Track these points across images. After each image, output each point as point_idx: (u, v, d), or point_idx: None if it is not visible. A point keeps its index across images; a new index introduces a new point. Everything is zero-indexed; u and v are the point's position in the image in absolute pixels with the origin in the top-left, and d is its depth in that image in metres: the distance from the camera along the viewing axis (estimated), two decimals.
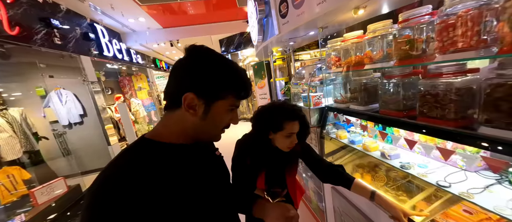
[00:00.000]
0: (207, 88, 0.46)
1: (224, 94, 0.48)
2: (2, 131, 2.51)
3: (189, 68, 0.46)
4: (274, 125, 0.87)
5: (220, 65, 0.47)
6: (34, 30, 2.90)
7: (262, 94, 4.37)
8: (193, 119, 0.47)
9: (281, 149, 0.92)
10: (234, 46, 6.91)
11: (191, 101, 0.45)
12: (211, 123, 0.49)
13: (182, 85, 0.46)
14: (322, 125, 1.64)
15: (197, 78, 0.45)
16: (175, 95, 0.46)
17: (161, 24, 5.57)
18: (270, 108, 0.92)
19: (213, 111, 0.48)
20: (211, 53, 0.48)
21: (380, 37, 1.04)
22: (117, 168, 0.43)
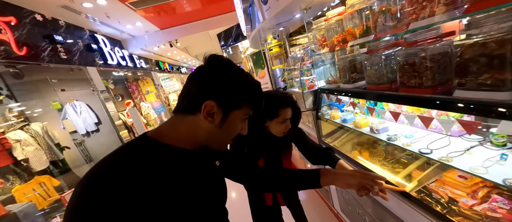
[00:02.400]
0: (228, 98, 0.47)
1: (242, 104, 0.50)
2: (28, 145, 2.77)
3: (211, 76, 0.47)
4: (269, 113, 0.91)
5: (239, 77, 0.49)
6: (40, 48, 3.08)
7: (264, 84, 4.37)
8: (208, 126, 0.48)
9: (276, 135, 0.96)
10: (233, 39, 6.86)
11: (211, 109, 0.46)
12: (225, 132, 0.50)
13: (204, 93, 0.46)
14: (317, 107, 1.65)
15: (219, 87, 0.46)
16: (194, 101, 0.47)
17: (158, 26, 5.63)
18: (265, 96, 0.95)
19: (229, 119, 0.49)
20: (232, 64, 0.50)
21: (358, 11, 1.02)
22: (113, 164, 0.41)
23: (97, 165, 0.41)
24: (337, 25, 1.20)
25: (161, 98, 7.40)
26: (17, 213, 2.27)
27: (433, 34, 0.73)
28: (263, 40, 2.48)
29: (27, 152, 2.73)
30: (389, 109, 1.09)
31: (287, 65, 2.07)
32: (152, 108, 6.87)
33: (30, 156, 2.75)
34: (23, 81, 3.00)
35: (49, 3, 3.02)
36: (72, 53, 3.72)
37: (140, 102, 6.67)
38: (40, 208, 2.56)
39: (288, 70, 2.08)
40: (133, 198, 0.38)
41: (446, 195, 0.84)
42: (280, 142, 1.03)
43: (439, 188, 0.89)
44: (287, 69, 2.12)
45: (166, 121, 0.52)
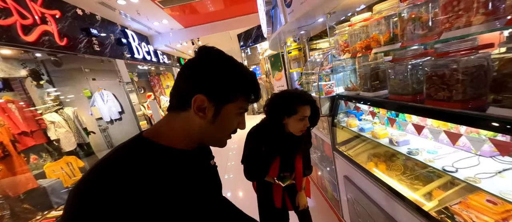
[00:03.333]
0: (218, 91, 0.45)
1: (235, 96, 0.47)
2: (61, 126, 3.05)
3: (200, 69, 0.45)
4: (288, 110, 0.92)
5: (231, 67, 0.46)
6: (78, 39, 3.38)
7: (280, 86, 4.36)
8: (201, 121, 0.45)
9: (293, 133, 0.97)
10: (252, 40, 6.94)
11: (201, 104, 0.44)
12: (219, 127, 0.47)
13: (193, 87, 0.44)
14: (333, 113, 1.61)
15: (208, 80, 0.44)
16: (184, 97, 0.45)
17: (183, 24, 5.89)
18: (283, 95, 0.98)
19: (223, 114, 0.46)
20: (222, 55, 0.47)
21: (386, 18, 0.98)
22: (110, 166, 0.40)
23: (93, 169, 0.40)
24: (361, 31, 1.17)
25: None
26: (46, 187, 2.51)
27: (468, 46, 0.69)
28: (283, 43, 2.48)
29: (59, 133, 3.01)
30: (412, 121, 1.04)
31: (305, 69, 2.05)
32: None
33: (61, 137, 3.02)
34: (61, 69, 3.32)
35: None
36: (104, 46, 4.03)
37: (160, 95, 7.01)
38: (65, 185, 2.79)
39: (306, 74, 2.05)
40: (127, 202, 0.37)
41: (470, 219, 0.77)
42: (295, 141, 1.03)
43: (462, 211, 0.82)
44: (305, 73, 2.10)
45: (162, 119, 0.50)
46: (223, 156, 4.21)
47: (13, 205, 2.33)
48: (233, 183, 3.03)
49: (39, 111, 2.92)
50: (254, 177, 1.09)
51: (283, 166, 1.06)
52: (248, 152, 1.04)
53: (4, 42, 2.28)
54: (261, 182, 1.12)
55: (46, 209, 2.44)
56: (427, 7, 0.79)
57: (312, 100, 0.96)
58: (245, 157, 1.06)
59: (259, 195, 1.18)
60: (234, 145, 4.82)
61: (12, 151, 2.32)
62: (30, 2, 2.58)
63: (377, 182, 1.13)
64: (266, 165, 1.04)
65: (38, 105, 3.04)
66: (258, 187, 1.16)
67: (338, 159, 1.63)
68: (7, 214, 2.25)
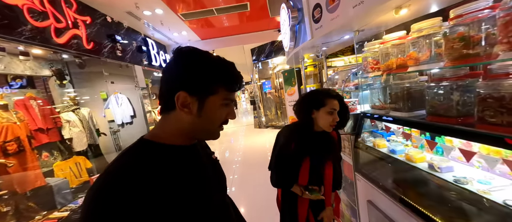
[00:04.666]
0: (196, 85, 0.46)
1: (215, 88, 0.48)
2: (75, 126, 3.09)
3: (177, 68, 0.47)
4: (317, 102, 0.94)
5: (206, 61, 0.47)
6: (103, 44, 3.55)
7: (292, 101, 4.34)
8: (188, 117, 0.47)
9: (324, 130, 0.96)
10: (265, 55, 7.09)
11: (184, 100, 0.46)
12: (207, 119, 0.49)
13: (173, 86, 0.46)
14: (357, 132, 1.54)
15: (185, 76, 0.46)
16: (168, 97, 0.47)
17: (200, 36, 6.14)
18: (311, 91, 1.02)
19: (207, 107, 0.48)
20: (196, 51, 0.49)
21: (426, 36, 0.95)
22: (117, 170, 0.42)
23: (104, 175, 0.41)
24: (395, 49, 1.14)
25: None
26: (53, 186, 2.48)
27: None
28: (301, 58, 2.50)
29: (72, 132, 3.04)
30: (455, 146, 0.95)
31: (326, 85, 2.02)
32: None
33: (74, 136, 3.05)
34: (83, 71, 3.45)
35: (119, 9, 3.52)
36: (126, 52, 4.21)
37: None
38: (71, 185, 2.75)
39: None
40: (139, 202, 0.38)
41: None
42: (327, 142, 1.02)
43: None
44: None
45: (158, 122, 0.52)
46: (227, 169, 4.09)
47: (19, 201, 2.29)
48: (236, 197, 2.90)
49: (57, 109, 2.99)
50: (282, 182, 1.03)
51: (312, 173, 1.02)
52: (277, 151, 1.02)
53: (37, 43, 2.41)
54: (287, 193, 1.06)
55: (49, 209, 2.38)
56: (479, 26, 0.76)
57: (340, 95, 0.98)
58: (273, 158, 1.04)
59: (283, 208, 1.11)
60: (238, 157, 4.71)
61: (27, 146, 2.33)
62: (66, 8, 2.75)
63: (410, 210, 1.02)
64: (295, 168, 1.00)
65: (57, 104, 3.12)
66: (283, 199, 1.10)
67: (361, 182, 1.52)
68: (10, 210, 2.21)
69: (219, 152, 5.52)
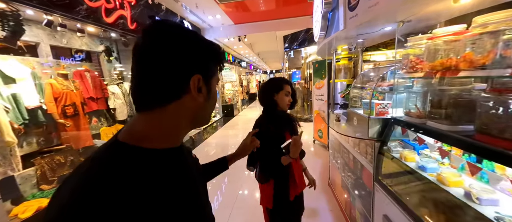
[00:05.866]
0: (208, 66, 0.43)
1: (216, 69, 0.46)
2: (119, 98, 3.52)
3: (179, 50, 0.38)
4: (276, 87, 1.18)
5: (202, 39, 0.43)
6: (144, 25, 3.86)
7: (319, 95, 4.09)
8: (198, 103, 0.42)
9: (282, 108, 1.21)
10: (298, 43, 6.74)
11: (199, 83, 0.41)
12: (212, 102, 0.47)
13: (179, 71, 0.39)
14: (383, 139, 1.36)
15: (197, 57, 0.41)
16: (173, 85, 0.39)
17: (233, 20, 6.13)
18: (269, 79, 1.25)
19: (212, 88, 0.45)
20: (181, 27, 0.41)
21: (492, 34, 0.74)
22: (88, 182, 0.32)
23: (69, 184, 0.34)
24: (447, 46, 0.92)
25: (218, 86, 8.08)
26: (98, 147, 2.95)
27: None
28: (333, 50, 2.27)
29: (116, 103, 3.49)
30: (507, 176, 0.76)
31: (356, 82, 1.82)
32: None
33: (117, 107, 3.50)
34: (127, 49, 3.84)
35: None
36: None
37: None
38: None
39: (356, 87, 1.82)
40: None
41: None
42: (289, 118, 1.27)
43: None
44: (354, 86, 1.86)
45: (135, 121, 0.41)
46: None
47: (74, 156, 2.80)
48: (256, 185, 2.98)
49: (105, 82, 3.44)
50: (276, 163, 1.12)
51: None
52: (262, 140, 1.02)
53: (91, 21, 2.75)
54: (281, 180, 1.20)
55: None
56: None
57: (290, 81, 1.24)
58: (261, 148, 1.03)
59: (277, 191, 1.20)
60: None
61: (81, 111, 2.78)
62: None
63: None
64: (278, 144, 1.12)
65: (106, 77, 3.59)
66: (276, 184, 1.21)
67: (379, 193, 1.38)
68: (67, 162, 2.71)
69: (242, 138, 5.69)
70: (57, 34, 2.78)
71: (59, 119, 2.54)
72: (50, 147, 2.65)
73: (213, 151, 4.65)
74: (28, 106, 2.35)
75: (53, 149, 2.67)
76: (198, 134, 5.85)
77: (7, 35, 1.97)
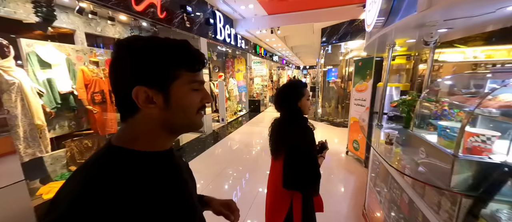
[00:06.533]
0: (152, 74, 0.39)
1: (175, 72, 0.41)
2: None
3: (124, 62, 0.39)
4: (299, 93, 1.08)
5: (155, 44, 0.40)
6: (174, 15, 3.77)
7: (359, 100, 3.41)
8: (157, 112, 0.41)
9: (305, 113, 1.11)
10: (338, 37, 5.92)
11: (145, 95, 0.39)
12: (178, 110, 0.43)
13: (126, 84, 0.39)
14: (481, 196, 0.83)
15: (137, 67, 0.39)
16: (124, 100, 0.40)
17: (267, 11, 5.70)
18: (287, 86, 1.13)
19: (173, 96, 0.42)
20: (139, 37, 0.41)
21: None
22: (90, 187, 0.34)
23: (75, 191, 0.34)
24: None
25: (246, 80, 7.86)
26: None
27: None
28: (391, 44, 1.68)
29: None
30: None
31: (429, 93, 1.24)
32: (237, 85, 7.44)
33: None
34: None
35: None
36: (194, 24, 4.39)
37: (230, 78, 7.37)
38: None
39: (428, 100, 1.25)
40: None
41: None
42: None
43: None
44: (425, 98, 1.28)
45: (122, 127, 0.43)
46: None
47: (101, 141, 2.89)
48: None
49: None
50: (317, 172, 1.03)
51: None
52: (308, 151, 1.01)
53: (121, 9, 2.72)
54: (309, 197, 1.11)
55: None
56: None
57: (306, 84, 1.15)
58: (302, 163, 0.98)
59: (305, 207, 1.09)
60: None
61: (108, 99, 2.83)
62: None
63: None
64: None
65: None
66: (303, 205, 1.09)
67: None
68: (94, 146, 2.82)
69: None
70: (92, 22, 2.86)
71: (88, 105, 2.62)
72: (80, 131, 2.79)
73: (236, 145, 4.45)
74: (61, 91, 2.45)
75: (83, 133, 2.80)
76: (222, 128, 5.77)
77: (39, 21, 2.00)
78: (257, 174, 3.06)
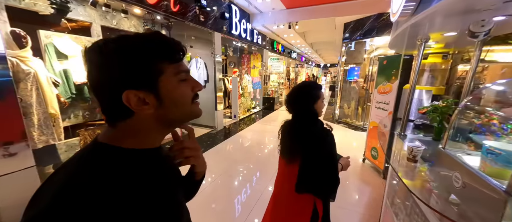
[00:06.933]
0: (136, 75, 0.38)
1: (158, 67, 0.39)
2: None
3: (102, 69, 0.38)
4: (314, 96, 1.05)
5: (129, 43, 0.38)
6: (188, 8, 3.73)
7: (382, 103, 3.03)
8: (152, 112, 0.40)
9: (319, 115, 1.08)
10: (362, 33, 5.42)
11: (136, 98, 0.38)
12: (172, 104, 0.42)
13: (113, 90, 0.38)
14: None
15: (120, 72, 0.37)
16: (114, 105, 0.38)
17: (285, 4, 5.42)
18: (301, 88, 1.09)
19: (163, 91, 0.40)
20: (109, 39, 0.38)
21: None
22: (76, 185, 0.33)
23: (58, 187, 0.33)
24: None
25: (261, 76, 7.68)
26: None
27: None
28: (423, 39, 1.37)
29: None
30: None
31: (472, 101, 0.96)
32: (252, 82, 7.31)
33: None
34: (170, 32, 3.87)
35: None
36: (208, 18, 4.33)
37: (245, 74, 7.26)
38: None
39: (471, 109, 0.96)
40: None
41: None
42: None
43: None
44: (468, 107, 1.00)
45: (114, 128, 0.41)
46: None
47: None
48: None
49: None
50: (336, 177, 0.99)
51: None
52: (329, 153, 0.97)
53: (133, 2, 2.74)
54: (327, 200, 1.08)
55: None
56: None
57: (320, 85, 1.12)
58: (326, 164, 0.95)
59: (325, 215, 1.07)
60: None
61: None
62: None
63: None
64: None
65: None
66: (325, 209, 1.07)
67: None
68: None
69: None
70: (108, 15, 2.93)
71: None
72: (94, 121, 2.90)
73: (248, 143, 4.37)
74: (76, 82, 2.56)
75: (96, 123, 2.91)
76: (233, 124, 5.72)
77: (54, 12, 2.06)
78: (267, 172, 3.00)
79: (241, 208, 2.23)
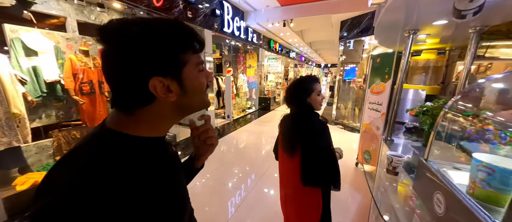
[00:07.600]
0: (166, 62, 0.38)
1: (184, 57, 0.40)
2: None
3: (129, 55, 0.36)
4: (307, 89, 1.07)
5: (157, 28, 0.38)
6: (174, 4, 3.57)
7: (375, 104, 2.83)
8: (174, 100, 0.41)
9: (316, 109, 1.10)
10: (360, 30, 5.21)
11: (162, 86, 0.38)
12: (193, 93, 0.43)
13: (138, 77, 0.37)
14: None
15: (149, 57, 0.37)
16: (137, 91, 0.38)
17: (279, 2, 5.25)
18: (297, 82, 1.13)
19: (186, 81, 0.41)
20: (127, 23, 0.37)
21: None
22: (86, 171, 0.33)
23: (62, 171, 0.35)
24: None
25: (257, 76, 7.49)
26: None
27: None
28: (412, 30, 1.18)
29: None
30: None
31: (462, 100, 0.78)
32: (247, 82, 7.14)
33: None
34: None
35: None
36: (197, 15, 4.17)
37: (240, 73, 7.09)
38: None
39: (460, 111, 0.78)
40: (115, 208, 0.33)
41: None
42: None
43: None
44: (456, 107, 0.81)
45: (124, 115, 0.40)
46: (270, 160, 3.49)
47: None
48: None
49: None
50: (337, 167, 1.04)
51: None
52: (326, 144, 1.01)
53: None
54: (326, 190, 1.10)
55: None
56: None
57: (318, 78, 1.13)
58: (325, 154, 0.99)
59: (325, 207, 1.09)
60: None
61: (97, 90, 2.74)
62: None
63: None
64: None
65: None
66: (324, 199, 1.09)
67: None
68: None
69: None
70: (85, 10, 2.79)
71: (74, 95, 2.56)
72: (69, 121, 2.76)
73: (242, 144, 4.21)
74: (47, 80, 2.41)
75: (71, 123, 2.77)
76: (227, 125, 5.55)
77: (15, 4, 1.91)
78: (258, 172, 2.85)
79: (234, 210, 2.15)
